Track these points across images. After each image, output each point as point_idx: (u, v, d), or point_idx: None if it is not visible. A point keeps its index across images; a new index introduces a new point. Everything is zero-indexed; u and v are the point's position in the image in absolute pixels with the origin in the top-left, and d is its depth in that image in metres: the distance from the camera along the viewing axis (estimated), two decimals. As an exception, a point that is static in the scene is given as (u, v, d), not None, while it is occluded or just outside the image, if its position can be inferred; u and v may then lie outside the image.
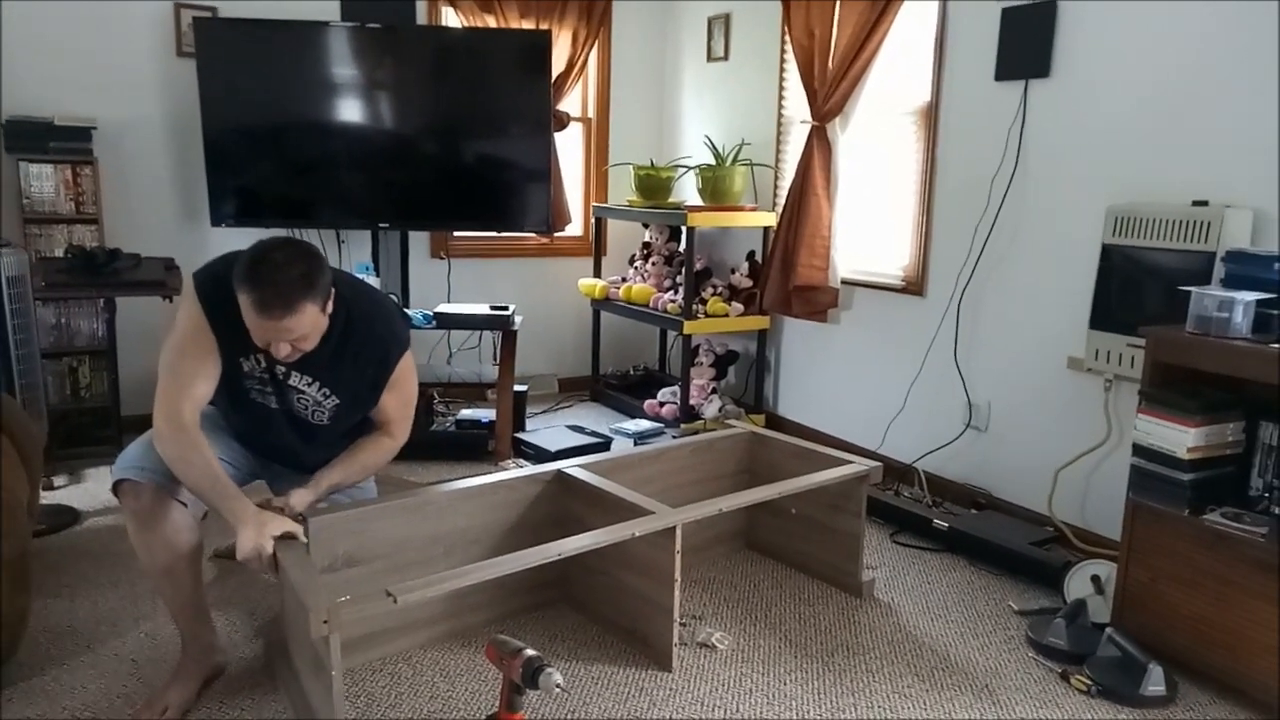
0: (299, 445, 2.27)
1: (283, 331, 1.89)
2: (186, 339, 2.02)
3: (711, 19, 4.82)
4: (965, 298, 3.52)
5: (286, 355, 1.96)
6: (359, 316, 2.11)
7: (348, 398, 2.17)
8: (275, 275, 1.85)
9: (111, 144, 4.00)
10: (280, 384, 2.13)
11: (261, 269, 1.86)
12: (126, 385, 4.01)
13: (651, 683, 2.29)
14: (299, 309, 1.88)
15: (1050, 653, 2.46)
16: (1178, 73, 2.80)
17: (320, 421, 2.20)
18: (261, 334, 1.91)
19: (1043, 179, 3.21)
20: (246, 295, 1.86)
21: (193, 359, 2.01)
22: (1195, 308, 2.34)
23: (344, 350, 2.09)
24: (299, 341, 1.95)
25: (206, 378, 2.02)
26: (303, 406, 2.17)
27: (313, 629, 1.68)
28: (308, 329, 1.94)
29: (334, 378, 2.13)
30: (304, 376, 2.11)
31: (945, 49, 3.54)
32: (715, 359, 4.67)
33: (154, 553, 2.02)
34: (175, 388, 1.99)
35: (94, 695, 2.15)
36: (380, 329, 2.15)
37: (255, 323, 1.89)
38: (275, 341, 1.92)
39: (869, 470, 2.73)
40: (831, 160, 4.00)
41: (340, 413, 2.19)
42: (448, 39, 4.23)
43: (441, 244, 4.81)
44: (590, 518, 2.48)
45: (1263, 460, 2.32)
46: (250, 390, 2.14)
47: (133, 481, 1.99)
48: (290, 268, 1.87)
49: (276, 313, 1.86)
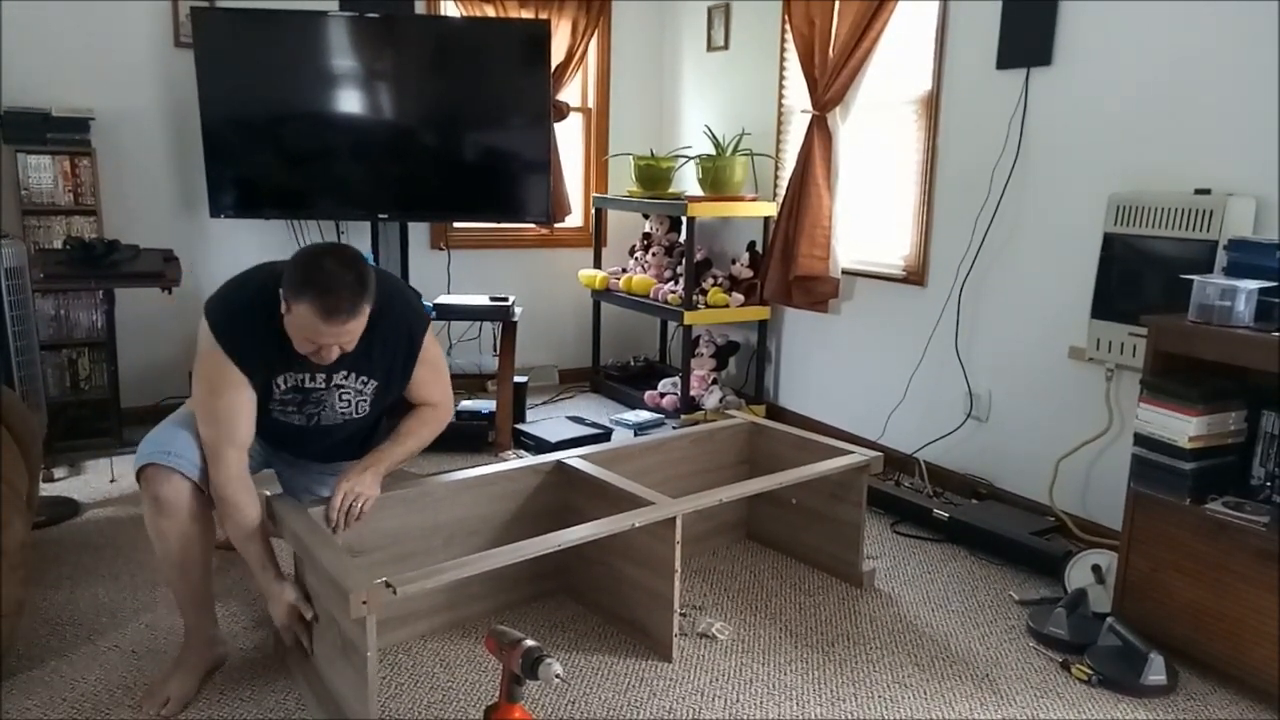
0: (316, 450, 2.31)
1: (343, 335, 1.92)
2: (214, 379, 2.01)
3: (711, 8, 4.80)
4: (966, 287, 3.51)
5: (334, 359, 1.98)
6: (381, 301, 2.13)
7: (383, 379, 2.20)
8: (335, 282, 1.87)
9: (110, 135, 3.99)
10: (319, 395, 2.14)
11: (320, 277, 1.87)
12: (126, 377, 4.02)
13: (652, 673, 2.29)
14: (360, 312, 1.92)
15: (1051, 642, 2.46)
16: (1180, 60, 2.78)
17: (362, 414, 2.22)
18: (319, 338, 1.91)
19: (1044, 168, 3.20)
20: (309, 304, 1.87)
21: (227, 397, 2.00)
22: (1197, 296, 2.33)
23: (374, 336, 2.11)
24: (348, 344, 1.97)
25: (246, 415, 2.03)
26: (345, 403, 2.17)
27: (352, 610, 1.71)
28: (360, 329, 1.97)
29: (368, 363, 2.15)
30: (342, 371, 2.13)
31: (946, 37, 3.52)
32: (716, 350, 4.67)
33: (169, 541, 2.03)
34: (219, 435, 2.01)
35: (93, 687, 2.15)
36: (401, 310, 2.19)
37: (316, 329, 1.89)
38: (328, 347, 1.94)
39: (869, 460, 2.72)
40: (832, 150, 3.98)
41: (378, 396, 2.22)
42: (447, 29, 4.21)
43: (441, 235, 4.80)
44: (590, 508, 2.48)
45: (1264, 449, 2.31)
46: (273, 411, 2.13)
47: (158, 466, 2.00)
48: (346, 273, 1.90)
49: (341, 318, 1.89)
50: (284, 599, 2.06)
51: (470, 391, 4.76)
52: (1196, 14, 2.73)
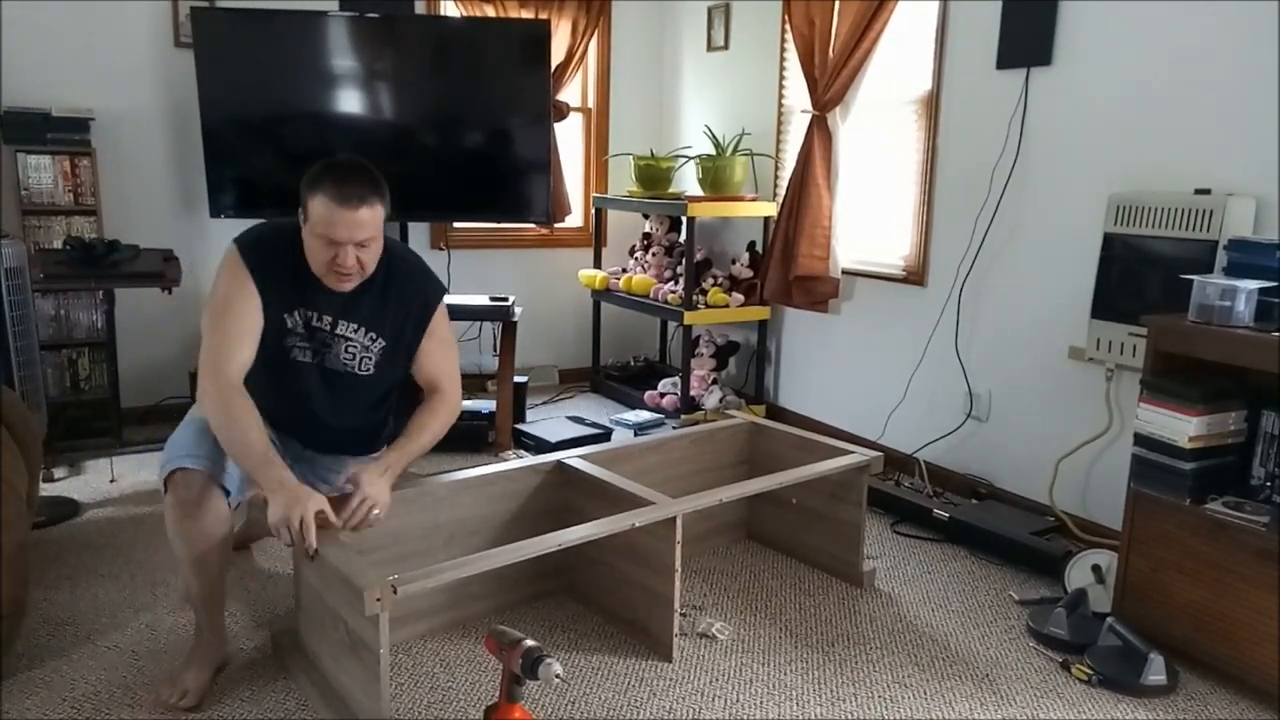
0: (329, 410, 2.24)
1: (356, 227, 1.98)
2: (232, 297, 2.05)
3: (711, 8, 4.80)
4: (966, 287, 3.51)
5: (351, 267, 2.02)
6: (399, 264, 2.23)
7: (391, 339, 2.22)
8: (349, 173, 2.00)
9: (110, 135, 3.99)
10: (323, 337, 2.16)
11: (335, 167, 2.01)
12: (126, 377, 4.01)
13: (652, 673, 2.29)
14: (372, 203, 2.01)
15: (1051, 642, 2.46)
16: (1180, 60, 2.78)
17: (366, 371, 2.22)
18: (334, 231, 1.97)
19: (1044, 168, 3.20)
20: (325, 190, 1.96)
21: (237, 317, 2.05)
22: (1197, 296, 2.33)
23: (388, 293, 2.18)
24: (364, 248, 2.03)
25: (251, 338, 2.06)
26: (350, 356, 2.19)
27: (367, 607, 1.71)
28: (375, 230, 2.03)
29: (379, 319, 2.19)
30: (350, 324, 2.17)
31: (946, 37, 3.52)
32: (716, 350, 4.67)
33: (191, 542, 2.02)
34: (222, 347, 2.03)
35: (93, 687, 2.15)
36: (419, 275, 2.27)
37: (331, 218, 1.96)
38: (345, 245, 1.99)
39: (869, 460, 2.72)
40: (832, 150, 3.98)
41: (385, 358, 2.22)
42: (446, 29, 4.21)
43: (441, 235, 4.80)
44: (590, 508, 2.48)
45: (1264, 449, 2.31)
46: (291, 349, 2.15)
47: (185, 470, 2.00)
48: (358, 167, 2.04)
49: (354, 203, 1.97)
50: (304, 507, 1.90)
51: (470, 391, 4.75)
52: (1196, 14, 2.73)
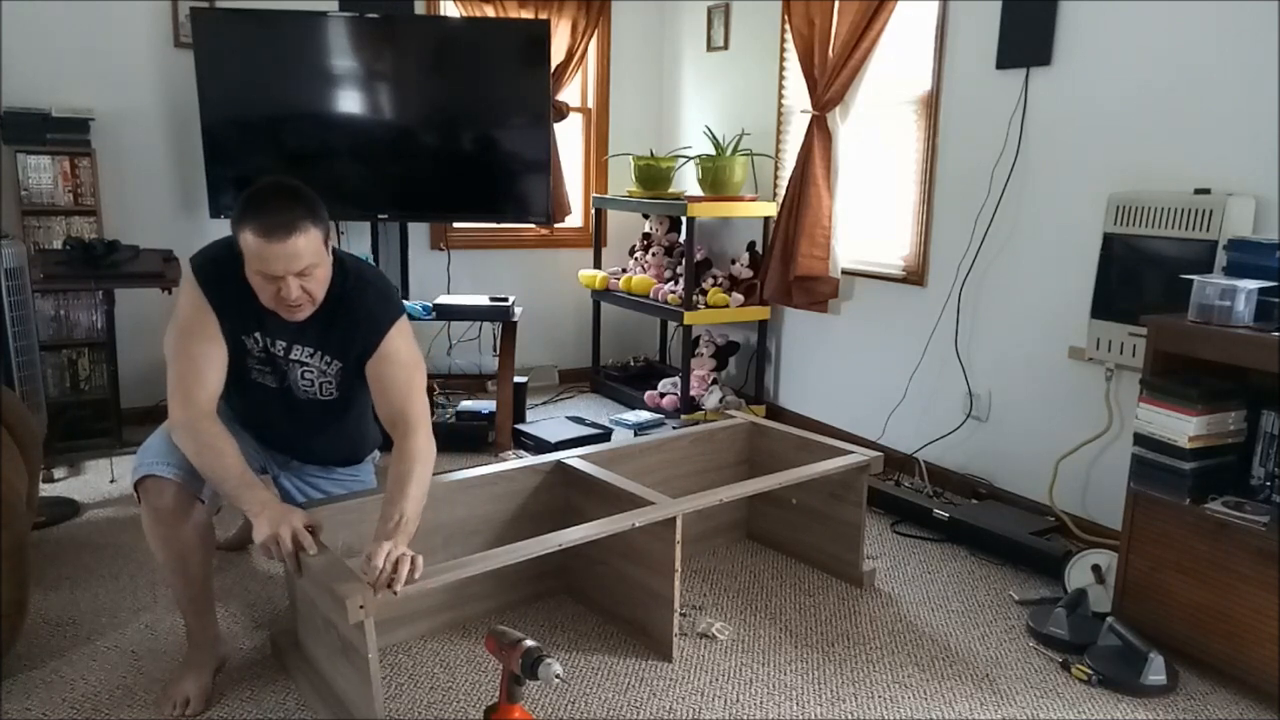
0: (297, 431, 2.28)
1: (289, 259, 1.88)
2: (191, 323, 2.02)
3: (711, 8, 4.80)
4: (966, 287, 3.51)
5: (297, 299, 1.94)
6: (353, 282, 2.11)
7: (342, 357, 2.15)
8: (269, 202, 1.89)
9: (109, 135, 3.99)
10: (280, 362, 2.14)
11: (257, 196, 1.91)
12: (126, 377, 4.01)
13: (652, 673, 2.29)
14: (300, 228, 1.89)
15: (1051, 642, 2.46)
16: (1180, 60, 2.78)
17: (329, 395, 2.20)
18: (267, 267, 1.89)
19: (1044, 168, 3.20)
20: (249, 227, 1.87)
21: (200, 341, 2.01)
22: (1197, 296, 2.33)
23: (336, 314, 2.08)
24: (307, 276, 1.93)
25: (218, 363, 2.03)
26: (309, 383, 2.17)
27: (350, 615, 1.70)
28: (313, 256, 1.93)
29: (327, 341, 2.12)
30: (304, 348, 2.12)
31: (946, 37, 3.52)
32: (715, 350, 4.67)
33: (170, 548, 2.02)
34: (190, 375, 1.99)
35: (93, 687, 2.15)
36: (371, 294, 2.13)
37: (262, 253, 1.88)
38: (284, 279, 1.91)
39: (869, 460, 2.72)
40: (832, 150, 3.98)
41: (345, 379, 2.19)
42: (446, 29, 4.21)
43: (441, 235, 4.80)
44: (590, 508, 2.48)
45: (1264, 449, 2.31)
46: (251, 370, 2.15)
47: (156, 478, 1.98)
48: (281, 193, 1.92)
49: (281, 234, 1.86)
50: (290, 522, 1.88)
51: (470, 392, 4.76)
52: (1196, 14, 2.73)
